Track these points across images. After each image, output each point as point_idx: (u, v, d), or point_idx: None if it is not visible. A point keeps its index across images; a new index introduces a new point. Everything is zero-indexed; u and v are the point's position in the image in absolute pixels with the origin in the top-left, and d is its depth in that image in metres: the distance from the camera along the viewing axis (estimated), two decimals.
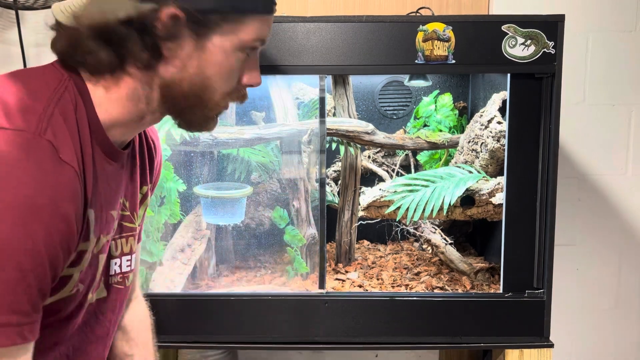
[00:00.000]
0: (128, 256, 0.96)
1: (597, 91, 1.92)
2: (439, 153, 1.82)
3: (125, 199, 0.93)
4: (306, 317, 1.43)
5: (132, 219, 0.95)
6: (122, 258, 0.94)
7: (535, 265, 1.41)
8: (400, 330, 1.43)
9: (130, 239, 0.96)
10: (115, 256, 0.93)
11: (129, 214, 0.94)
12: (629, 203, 1.99)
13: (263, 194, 1.65)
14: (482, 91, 1.76)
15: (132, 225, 0.96)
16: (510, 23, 1.34)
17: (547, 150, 1.37)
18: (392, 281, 1.61)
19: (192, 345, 1.47)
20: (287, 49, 1.35)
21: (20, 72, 0.80)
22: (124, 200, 0.92)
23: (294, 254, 1.61)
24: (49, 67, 0.81)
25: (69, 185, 0.72)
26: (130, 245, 0.96)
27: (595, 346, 2.06)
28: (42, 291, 0.72)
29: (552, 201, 1.39)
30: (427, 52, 1.34)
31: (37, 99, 0.74)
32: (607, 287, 2.03)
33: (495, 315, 1.43)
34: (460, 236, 1.90)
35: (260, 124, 1.60)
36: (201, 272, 1.60)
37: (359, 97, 1.87)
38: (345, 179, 1.68)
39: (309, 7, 1.89)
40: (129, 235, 0.95)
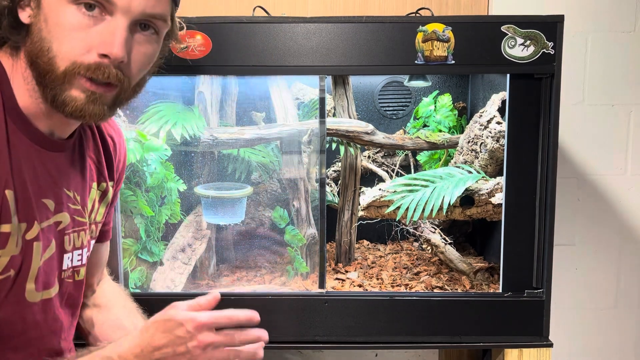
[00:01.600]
0: (79, 250, 0.96)
1: (596, 91, 1.93)
2: (438, 153, 1.83)
3: (74, 193, 0.94)
4: (306, 317, 1.44)
5: (82, 213, 0.96)
6: (74, 252, 0.95)
7: (535, 264, 1.42)
8: (400, 329, 1.44)
9: (81, 233, 0.96)
10: (68, 250, 0.94)
11: (79, 208, 0.95)
12: (628, 203, 1.99)
13: (263, 194, 1.65)
14: (482, 91, 1.77)
15: (82, 219, 0.96)
16: (510, 23, 1.34)
17: (546, 150, 1.38)
18: (392, 281, 1.61)
19: None
20: (287, 50, 1.36)
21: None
22: (74, 194, 0.93)
23: (294, 253, 1.61)
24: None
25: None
26: (81, 239, 0.96)
27: (595, 346, 2.06)
28: None
29: (552, 201, 1.39)
30: (427, 53, 1.35)
31: None
32: (607, 286, 2.03)
33: (494, 314, 1.43)
34: (460, 236, 1.90)
35: (261, 124, 1.61)
36: (202, 272, 1.61)
37: (358, 97, 1.87)
38: (345, 179, 1.69)
39: (309, 8, 1.89)
40: (80, 229, 0.96)
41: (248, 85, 1.60)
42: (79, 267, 0.97)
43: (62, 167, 0.91)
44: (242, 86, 1.59)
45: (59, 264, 0.93)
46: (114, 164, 1.06)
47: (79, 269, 0.98)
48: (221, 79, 1.56)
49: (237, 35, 1.35)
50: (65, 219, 0.92)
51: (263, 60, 1.36)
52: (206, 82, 1.55)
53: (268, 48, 1.36)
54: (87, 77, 0.80)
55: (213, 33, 1.34)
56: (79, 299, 1.02)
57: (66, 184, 0.92)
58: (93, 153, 1.00)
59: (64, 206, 0.91)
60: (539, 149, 1.38)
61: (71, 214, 0.93)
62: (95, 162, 1.01)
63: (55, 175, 0.89)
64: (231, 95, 1.59)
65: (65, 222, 0.92)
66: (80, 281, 0.99)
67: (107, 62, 0.80)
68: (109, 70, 0.80)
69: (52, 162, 0.89)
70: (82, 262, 0.98)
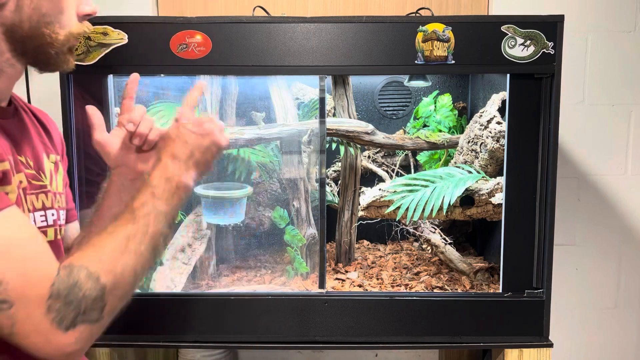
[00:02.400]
0: (42, 212, 0.97)
1: (596, 91, 1.93)
2: (438, 153, 1.83)
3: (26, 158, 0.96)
4: (306, 317, 1.44)
5: (38, 176, 0.97)
6: (35, 214, 0.96)
7: (535, 265, 1.42)
8: (400, 329, 1.44)
9: (41, 195, 0.97)
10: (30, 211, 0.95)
11: (34, 172, 0.97)
12: (628, 203, 1.99)
13: (263, 194, 1.65)
14: (482, 91, 1.77)
15: (39, 182, 0.97)
16: (510, 23, 1.34)
17: (546, 150, 1.38)
18: (392, 281, 1.61)
19: (192, 345, 1.47)
20: (287, 50, 1.36)
21: None
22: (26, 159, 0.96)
23: (294, 253, 1.61)
24: None
25: None
26: (42, 201, 0.97)
27: (595, 346, 2.06)
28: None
29: (552, 201, 1.39)
30: (427, 53, 1.35)
31: None
32: (607, 286, 2.03)
33: (494, 315, 1.43)
34: (460, 236, 1.90)
35: (261, 124, 1.60)
36: (202, 272, 1.61)
37: (358, 97, 1.87)
38: (345, 179, 1.69)
39: (309, 8, 1.89)
40: (39, 192, 0.97)
41: (248, 85, 1.60)
42: (45, 227, 0.97)
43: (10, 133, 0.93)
44: (242, 86, 1.59)
45: None
46: (53, 137, 1.08)
47: (46, 229, 0.98)
48: (221, 79, 1.56)
49: (237, 35, 1.35)
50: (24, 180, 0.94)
51: (263, 60, 1.36)
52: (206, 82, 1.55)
53: (268, 48, 1.36)
54: None
55: (213, 33, 1.34)
56: None
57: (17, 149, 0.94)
58: (32, 126, 1.02)
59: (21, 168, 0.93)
60: (539, 149, 1.38)
61: (27, 177, 0.94)
62: (38, 133, 1.03)
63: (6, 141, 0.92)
64: (231, 95, 1.59)
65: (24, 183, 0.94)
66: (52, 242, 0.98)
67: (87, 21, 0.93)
68: None
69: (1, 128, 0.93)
70: (47, 222, 0.98)
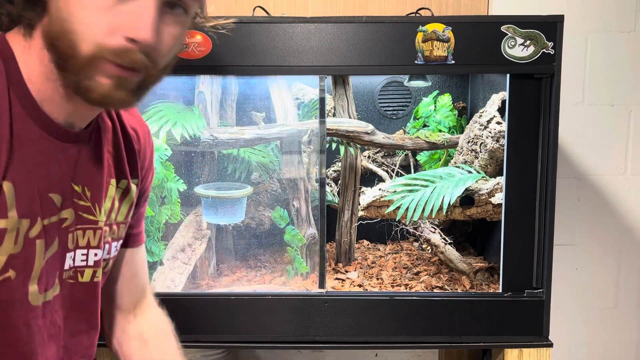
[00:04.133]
0: (84, 250, 0.88)
1: (596, 91, 1.93)
2: (438, 153, 1.83)
3: (84, 188, 0.86)
4: (306, 317, 1.44)
5: (92, 210, 0.88)
6: (77, 251, 0.87)
7: (535, 264, 1.42)
8: (400, 329, 1.44)
9: (88, 232, 0.88)
10: (71, 249, 0.86)
11: (89, 205, 0.87)
12: (628, 203, 1.99)
13: (263, 193, 1.65)
14: (482, 91, 1.77)
15: (91, 217, 0.88)
16: (510, 23, 1.34)
17: (546, 150, 1.38)
18: (392, 281, 1.61)
19: (192, 345, 1.47)
20: (287, 50, 1.36)
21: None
22: (84, 189, 0.86)
23: (294, 253, 1.61)
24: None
25: None
26: (88, 238, 0.88)
27: (594, 346, 2.06)
28: None
29: (552, 201, 1.39)
30: (427, 53, 1.35)
31: None
32: (607, 286, 2.03)
33: (494, 314, 1.43)
34: (460, 236, 1.90)
35: (261, 124, 1.61)
36: (202, 272, 1.61)
37: (358, 97, 1.87)
38: (345, 179, 1.69)
39: (309, 8, 1.89)
40: (87, 227, 0.88)
41: (248, 85, 1.60)
42: (83, 267, 0.90)
43: (74, 159, 0.84)
44: (242, 86, 1.59)
45: (61, 264, 0.86)
46: (138, 159, 0.97)
47: (83, 269, 0.90)
48: (221, 79, 1.56)
49: (237, 35, 1.35)
50: (71, 216, 0.85)
51: (263, 60, 1.36)
52: (206, 82, 1.55)
53: (268, 48, 1.36)
54: (113, 62, 0.72)
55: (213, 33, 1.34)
56: (87, 304, 0.93)
57: (75, 177, 0.84)
58: (112, 147, 0.92)
59: (70, 201, 0.84)
60: (539, 149, 1.38)
61: (76, 210, 0.86)
62: (115, 157, 0.93)
63: (65, 168, 0.82)
64: (231, 95, 1.59)
65: (70, 219, 0.85)
66: (86, 284, 0.91)
67: (135, 48, 0.72)
68: (134, 56, 0.72)
69: (63, 153, 0.82)
70: (87, 262, 0.90)
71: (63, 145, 0.81)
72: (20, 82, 0.76)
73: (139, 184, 0.99)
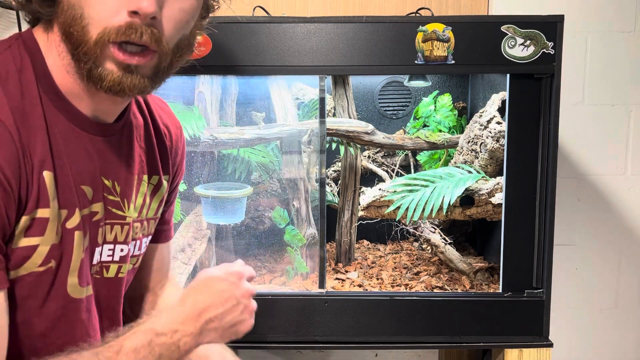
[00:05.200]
0: (111, 245, 0.88)
1: (596, 91, 1.93)
2: (438, 153, 1.83)
3: (114, 182, 0.86)
4: (306, 317, 1.44)
5: (121, 205, 0.87)
6: (104, 246, 0.87)
7: (535, 264, 1.42)
8: (400, 329, 1.44)
9: (116, 227, 0.87)
10: (99, 244, 0.86)
11: (117, 200, 0.86)
12: (628, 203, 1.99)
13: (263, 193, 1.65)
14: (482, 91, 1.77)
15: (120, 212, 0.87)
16: (510, 23, 1.34)
17: (546, 150, 1.38)
18: (392, 281, 1.61)
19: None
20: (287, 50, 1.36)
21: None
22: (114, 183, 0.86)
23: (294, 253, 1.61)
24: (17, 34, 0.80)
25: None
26: (115, 233, 0.88)
27: (595, 346, 2.06)
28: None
29: (552, 201, 1.39)
30: (427, 53, 1.35)
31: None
32: (607, 286, 2.03)
33: (494, 314, 1.43)
34: (460, 236, 1.90)
35: (261, 124, 1.61)
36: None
37: (359, 97, 1.87)
38: (345, 179, 1.69)
39: (309, 8, 1.89)
40: (115, 223, 0.87)
41: (248, 85, 1.60)
42: (109, 263, 0.89)
43: (104, 153, 0.83)
44: (242, 86, 1.59)
45: (90, 259, 0.85)
46: (170, 156, 0.97)
47: (109, 265, 0.89)
48: (221, 79, 1.56)
49: (237, 35, 1.35)
50: (101, 210, 0.84)
51: (263, 60, 1.36)
52: (206, 82, 1.55)
53: (268, 48, 1.36)
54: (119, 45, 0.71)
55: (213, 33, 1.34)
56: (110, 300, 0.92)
57: (105, 171, 0.84)
58: (144, 143, 0.91)
59: (100, 195, 0.84)
60: (539, 149, 1.38)
61: (106, 204, 0.85)
62: (147, 153, 0.92)
63: (96, 161, 0.82)
64: (231, 95, 1.59)
65: (100, 213, 0.84)
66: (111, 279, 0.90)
67: (138, 21, 0.70)
68: (141, 30, 0.71)
69: (94, 146, 0.81)
70: (113, 258, 0.89)
71: (91, 137, 0.81)
72: (47, 75, 0.77)
73: (170, 180, 0.99)
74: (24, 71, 0.76)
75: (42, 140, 0.75)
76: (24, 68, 0.76)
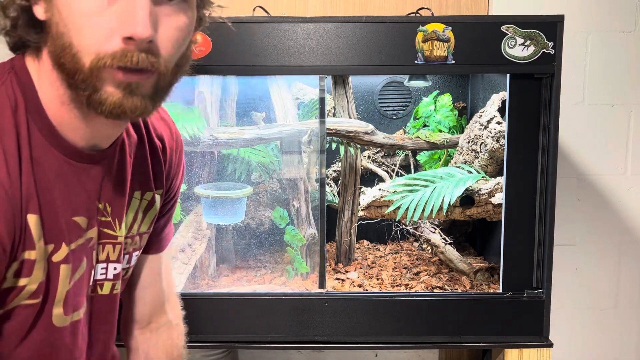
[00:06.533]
0: (103, 264, 0.87)
1: (596, 91, 1.93)
2: (438, 153, 1.83)
3: (106, 204, 0.84)
4: (306, 317, 1.44)
5: (112, 225, 0.86)
6: (97, 265, 0.87)
7: (535, 264, 1.42)
8: (400, 329, 1.44)
9: (108, 246, 0.87)
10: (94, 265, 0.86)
11: (109, 220, 0.86)
12: (628, 203, 1.99)
13: (263, 194, 1.65)
14: (482, 91, 1.77)
15: (111, 232, 0.86)
16: (510, 23, 1.34)
17: (546, 150, 1.38)
18: (392, 281, 1.61)
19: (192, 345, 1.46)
20: (287, 49, 1.36)
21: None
22: (105, 205, 0.84)
23: (294, 253, 1.61)
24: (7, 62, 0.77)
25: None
26: (107, 253, 0.87)
27: (595, 346, 2.06)
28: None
29: (552, 201, 1.39)
30: (427, 53, 1.35)
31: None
32: (607, 286, 2.03)
33: (494, 314, 1.43)
34: (460, 236, 1.90)
35: (261, 124, 1.61)
36: (201, 272, 1.61)
37: (359, 97, 1.87)
38: (345, 179, 1.69)
39: (309, 8, 1.89)
40: (107, 242, 0.87)
41: (248, 85, 1.60)
42: (103, 281, 0.89)
43: (98, 178, 0.82)
44: (242, 86, 1.59)
45: (88, 281, 0.86)
46: (164, 170, 0.94)
47: (103, 283, 0.89)
48: (221, 79, 1.56)
49: (237, 35, 1.35)
50: (95, 234, 0.84)
51: (263, 60, 1.36)
52: (206, 82, 1.55)
53: (268, 48, 1.36)
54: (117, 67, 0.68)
55: (213, 33, 1.34)
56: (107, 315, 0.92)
57: (99, 195, 0.83)
58: (137, 160, 0.89)
59: (95, 220, 0.83)
60: (539, 149, 1.38)
61: (99, 226, 0.85)
62: (139, 169, 0.90)
63: (90, 189, 0.81)
64: (231, 95, 1.59)
65: (95, 238, 0.84)
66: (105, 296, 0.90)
67: (133, 47, 0.67)
68: (137, 56, 0.67)
69: (87, 174, 0.80)
70: (106, 276, 0.89)
71: (84, 167, 0.79)
72: (40, 110, 0.74)
73: (164, 195, 0.97)
74: (17, 111, 0.73)
75: (26, 181, 0.73)
76: (18, 107, 0.73)
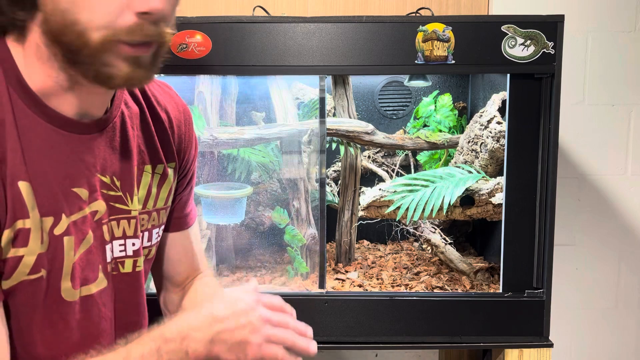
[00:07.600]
0: (121, 240, 0.87)
1: (596, 91, 1.93)
2: (438, 153, 1.83)
3: (113, 178, 0.85)
4: (306, 317, 1.42)
5: (124, 200, 0.86)
6: (114, 242, 0.87)
7: (535, 265, 1.42)
8: (400, 330, 1.44)
9: (123, 222, 0.87)
10: (108, 241, 0.85)
11: (119, 195, 0.86)
12: (628, 203, 1.99)
13: (263, 194, 1.65)
14: (482, 91, 1.77)
15: (123, 207, 0.86)
16: (510, 23, 1.34)
17: (546, 150, 1.38)
18: (392, 281, 1.61)
19: None
20: (287, 49, 1.36)
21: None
22: (113, 179, 0.85)
23: (294, 253, 1.61)
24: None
25: None
26: (123, 228, 0.87)
27: (595, 346, 2.06)
28: None
29: (552, 201, 1.39)
30: (427, 53, 1.35)
31: None
32: (607, 287, 2.03)
33: (494, 315, 1.43)
34: (460, 236, 1.90)
35: (261, 124, 1.61)
36: None
37: (359, 97, 1.87)
38: (345, 179, 1.69)
39: (309, 8, 1.89)
40: (121, 217, 0.87)
41: (248, 85, 1.60)
42: (123, 258, 0.89)
43: (97, 150, 0.82)
44: (242, 86, 1.59)
45: (102, 257, 0.85)
46: (173, 142, 0.95)
47: (124, 260, 0.89)
48: (221, 79, 1.56)
49: (237, 35, 1.35)
50: (102, 208, 0.84)
51: (263, 60, 1.36)
52: (206, 82, 1.55)
53: (268, 48, 1.36)
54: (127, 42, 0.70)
55: (213, 33, 1.34)
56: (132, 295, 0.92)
57: (102, 168, 0.83)
58: (142, 132, 0.89)
59: (99, 193, 0.83)
60: (539, 149, 1.38)
61: (107, 200, 0.84)
62: (146, 142, 0.90)
63: (89, 161, 0.81)
64: (231, 95, 1.59)
65: (102, 211, 0.84)
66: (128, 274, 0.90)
67: (147, 20, 0.70)
68: (148, 29, 0.70)
69: (85, 145, 0.80)
70: (126, 252, 0.89)
71: (81, 138, 0.80)
72: (20, 80, 0.75)
73: (177, 167, 0.97)
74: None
75: (12, 149, 0.73)
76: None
